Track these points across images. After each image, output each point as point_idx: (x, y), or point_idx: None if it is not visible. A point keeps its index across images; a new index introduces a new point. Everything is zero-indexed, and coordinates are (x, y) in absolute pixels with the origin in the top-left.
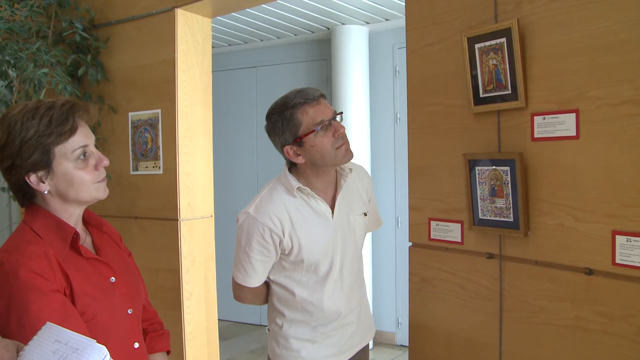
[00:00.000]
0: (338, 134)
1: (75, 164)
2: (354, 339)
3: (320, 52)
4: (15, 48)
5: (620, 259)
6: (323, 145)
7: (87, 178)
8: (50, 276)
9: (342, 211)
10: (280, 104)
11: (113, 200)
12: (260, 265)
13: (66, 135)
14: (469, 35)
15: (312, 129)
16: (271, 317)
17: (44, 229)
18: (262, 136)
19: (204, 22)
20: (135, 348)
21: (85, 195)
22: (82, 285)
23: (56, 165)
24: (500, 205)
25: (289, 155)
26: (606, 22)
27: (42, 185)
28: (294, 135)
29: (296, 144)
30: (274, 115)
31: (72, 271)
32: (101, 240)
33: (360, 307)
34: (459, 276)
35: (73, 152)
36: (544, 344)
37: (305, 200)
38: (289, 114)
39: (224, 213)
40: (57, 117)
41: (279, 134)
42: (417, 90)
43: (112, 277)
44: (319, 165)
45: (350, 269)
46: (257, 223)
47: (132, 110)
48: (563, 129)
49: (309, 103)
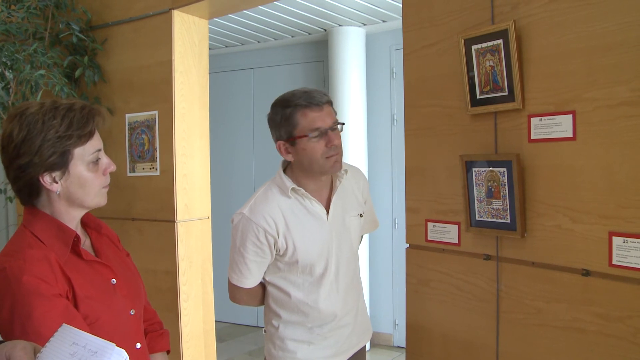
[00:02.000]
0: (331, 144)
1: (88, 167)
2: (351, 341)
3: (317, 54)
4: (12, 49)
5: (617, 260)
6: (314, 151)
7: (96, 182)
8: (52, 280)
9: (337, 212)
10: (285, 99)
11: (110, 202)
12: (255, 265)
13: (85, 138)
14: (465, 37)
15: (306, 133)
16: (267, 319)
17: (44, 232)
18: (259, 138)
19: (201, 24)
20: (137, 348)
21: (92, 199)
22: (84, 289)
23: (72, 167)
24: (497, 207)
25: (280, 150)
26: (603, 24)
27: (54, 185)
28: (288, 134)
29: (289, 142)
30: (277, 108)
31: (73, 274)
32: (100, 243)
33: (357, 309)
34: (456, 277)
35: (89, 156)
36: (540, 345)
37: (300, 201)
38: (289, 112)
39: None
40: (78, 120)
41: (276, 128)
42: (414, 91)
43: (113, 278)
44: (306, 169)
45: (346, 270)
46: (251, 223)
47: (129, 112)
48: (560, 130)
49: (311, 107)
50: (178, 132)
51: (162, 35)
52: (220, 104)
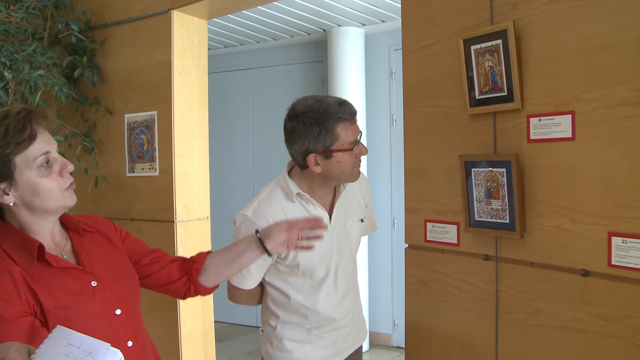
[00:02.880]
0: (360, 155)
1: (39, 172)
2: (348, 341)
3: (316, 54)
4: (11, 50)
5: (616, 261)
6: (347, 163)
7: (52, 186)
8: (13, 298)
9: (339, 217)
10: (319, 109)
11: (109, 202)
12: (256, 267)
13: (25, 143)
14: (464, 37)
15: (347, 147)
16: (265, 318)
17: (12, 246)
18: (258, 138)
19: (200, 24)
20: (129, 347)
21: (53, 204)
22: (54, 299)
23: (18, 175)
24: (497, 207)
25: (310, 162)
26: (602, 24)
27: (6, 197)
28: (327, 147)
29: (323, 155)
30: (308, 118)
31: (40, 287)
32: (81, 244)
33: (354, 310)
34: (455, 278)
35: (35, 160)
36: (540, 346)
37: (304, 206)
38: (330, 124)
39: (220, 215)
40: (14, 126)
41: (310, 140)
42: (413, 91)
43: (93, 281)
44: (333, 179)
45: (344, 273)
46: (254, 226)
47: (128, 112)
48: (559, 130)
49: (350, 120)
50: (177, 133)
51: (161, 35)
52: (219, 104)
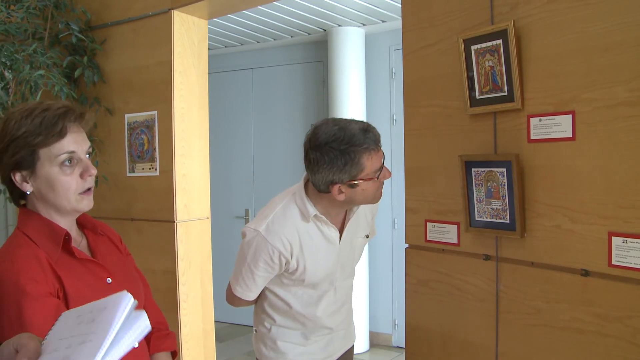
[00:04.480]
0: (384, 179)
1: (60, 170)
2: (340, 344)
3: (316, 54)
4: (11, 50)
5: (616, 261)
6: (372, 189)
7: (68, 185)
8: (42, 279)
9: (348, 235)
10: (343, 139)
11: (109, 202)
12: (261, 280)
13: (54, 138)
14: (465, 37)
15: (372, 176)
16: (259, 319)
17: (35, 232)
18: (258, 138)
19: (200, 24)
20: (135, 347)
21: (65, 203)
22: (75, 287)
23: (39, 167)
24: (497, 207)
25: (334, 192)
26: (602, 24)
27: (25, 185)
28: (352, 177)
29: (348, 185)
30: (333, 150)
31: (64, 273)
32: (97, 243)
33: (348, 315)
34: (456, 278)
35: (58, 157)
36: (540, 346)
37: (318, 226)
38: (355, 155)
39: (221, 215)
40: (49, 120)
41: (335, 171)
42: (414, 91)
43: (109, 278)
44: (355, 204)
45: (344, 285)
46: (267, 244)
47: (129, 112)
48: (559, 130)
49: (375, 149)
50: (177, 133)
51: (162, 35)
52: (220, 104)
